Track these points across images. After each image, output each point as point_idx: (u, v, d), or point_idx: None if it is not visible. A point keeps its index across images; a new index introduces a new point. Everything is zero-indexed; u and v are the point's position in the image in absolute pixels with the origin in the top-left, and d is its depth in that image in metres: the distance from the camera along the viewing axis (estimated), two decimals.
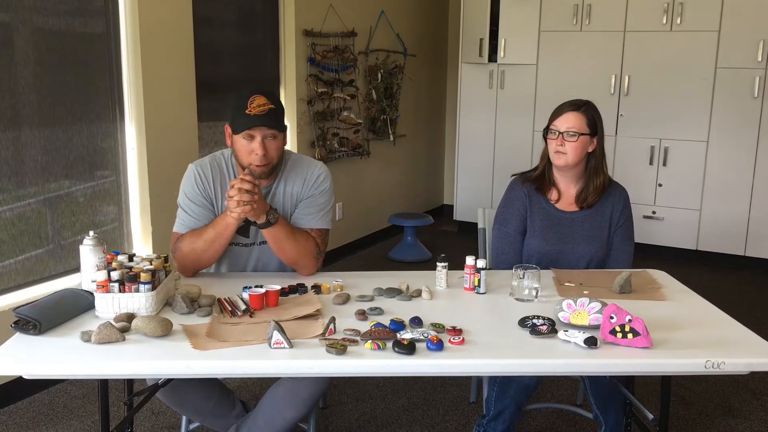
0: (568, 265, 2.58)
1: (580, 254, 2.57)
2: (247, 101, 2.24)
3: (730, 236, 5.31)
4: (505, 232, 2.64)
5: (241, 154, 2.31)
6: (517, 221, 2.63)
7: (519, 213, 2.63)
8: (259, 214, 2.23)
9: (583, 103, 2.57)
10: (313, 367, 1.77)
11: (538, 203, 2.63)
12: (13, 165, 3.12)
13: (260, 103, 2.25)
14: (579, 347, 1.82)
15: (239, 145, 2.30)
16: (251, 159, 2.28)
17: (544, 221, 2.61)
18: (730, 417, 3.09)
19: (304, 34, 4.73)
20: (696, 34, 5.16)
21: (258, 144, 2.26)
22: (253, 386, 3.24)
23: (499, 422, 2.55)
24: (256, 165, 2.28)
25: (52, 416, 3.00)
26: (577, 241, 2.57)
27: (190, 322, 1.95)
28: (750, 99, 5.09)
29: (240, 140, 2.28)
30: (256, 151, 2.26)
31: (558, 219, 2.61)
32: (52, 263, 3.35)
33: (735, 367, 1.79)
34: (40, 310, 1.89)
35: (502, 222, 2.66)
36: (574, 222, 2.60)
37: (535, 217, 2.62)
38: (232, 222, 2.25)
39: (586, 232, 2.58)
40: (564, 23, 5.55)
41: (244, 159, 2.30)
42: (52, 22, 3.23)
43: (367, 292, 2.23)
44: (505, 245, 2.64)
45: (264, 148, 2.26)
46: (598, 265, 2.60)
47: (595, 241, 2.58)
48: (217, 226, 2.28)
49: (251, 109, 2.24)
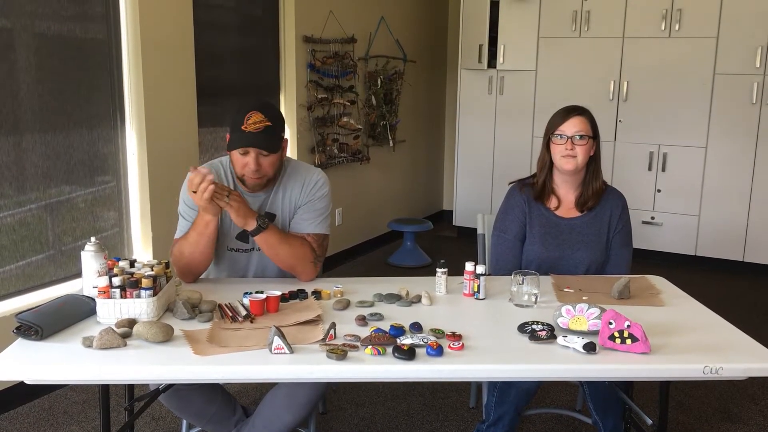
0: (567, 271, 2.59)
1: (579, 260, 2.59)
2: (244, 117, 2.26)
3: (729, 242, 5.32)
4: (505, 239, 2.65)
5: (235, 166, 2.35)
6: (517, 228, 2.64)
7: (518, 219, 2.64)
8: (246, 219, 2.25)
9: (581, 107, 2.60)
10: (314, 373, 1.78)
11: (537, 210, 2.64)
12: (14, 170, 3.13)
13: (256, 120, 2.25)
14: (578, 353, 1.83)
15: (235, 157, 2.33)
16: (245, 171, 2.32)
17: (543, 227, 2.62)
18: (728, 422, 3.09)
19: (304, 40, 4.75)
20: (694, 41, 5.19)
21: (252, 160, 2.28)
22: (253, 391, 3.24)
23: (499, 427, 2.55)
24: (249, 177, 2.32)
25: (52, 421, 3.01)
26: (577, 247, 2.59)
27: (191, 328, 1.96)
28: (748, 105, 5.10)
29: (235, 153, 2.31)
30: (250, 165, 2.29)
31: (557, 225, 2.62)
32: (53, 269, 3.35)
33: (733, 372, 1.80)
34: (42, 315, 1.90)
35: (502, 228, 2.67)
36: (574, 228, 2.61)
37: (534, 223, 2.63)
38: (211, 219, 2.26)
39: (585, 237, 2.60)
40: (563, 29, 5.58)
41: (238, 171, 2.35)
42: (53, 28, 3.24)
43: (367, 298, 2.24)
44: (504, 251, 2.66)
45: (257, 164, 2.29)
46: (597, 270, 2.62)
47: (595, 247, 2.59)
48: (197, 226, 2.29)
49: (247, 125, 2.25)
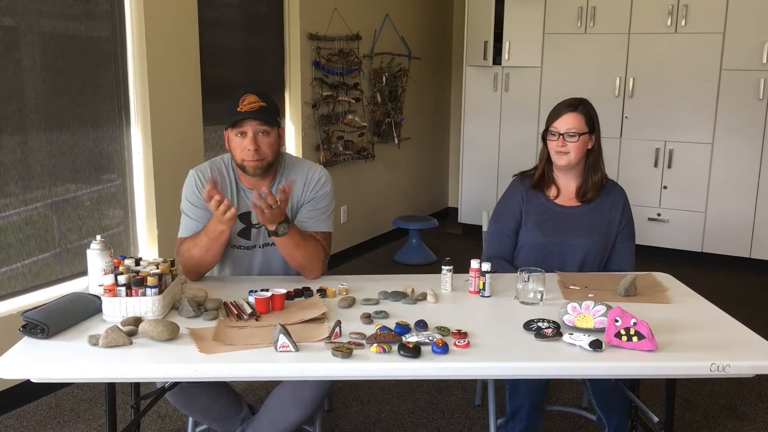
0: (562, 258, 2.59)
1: (576, 246, 2.59)
2: (239, 99, 2.31)
3: (736, 238, 5.30)
4: (499, 228, 2.71)
5: (235, 152, 2.34)
6: (510, 219, 2.68)
7: (512, 211, 2.68)
8: (273, 222, 2.23)
9: (578, 102, 2.60)
10: (319, 371, 1.78)
11: (536, 200, 2.67)
12: (20, 169, 3.14)
13: (251, 101, 2.30)
14: (584, 350, 1.82)
15: (234, 143, 2.33)
16: (244, 155, 2.31)
17: (540, 215, 2.65)
18: (735, 420, 3.08)
19: (308, 37, 4.74)
20: (700, 36, 5.16)
21: (249, 140, 2.28)
22: (258, 389, 3.25)
23: (517, 422, 2.55)
24: (249, 160, 2.30)
25: (59, 419, 3.02)
26: (575, 234, 2.60)
27: (196, 326, 1.97)
28: (755, 101, 5.08)
29: (234, 138, 2.32)
30: (248, 147, 2.29)
31: (555, 213, 2.64)
32: (59, 267, 3.36)
33: (740, 370, 1.79)
34: (48, 314, 1.90)
35: (495, 216, 2.75)
36: (573, 216, 2.63)
37: (531, 213, 2.66)
38: (226, 230, 2.24)
39: (584, 225, 2.61)
40: (568, 26, 5.56)
41: (238, 155, 2.33)
42: (58, 27, 3.25)
43: (373, 296, 2.24)
44: (496, 239, 2.72)
45: (256, 143, 2.29)
46: (594, 260, 2.62)
47: (594, 235, 2.60)
48: (210, 233, 2.26)
49: (242, 106, 2.29)
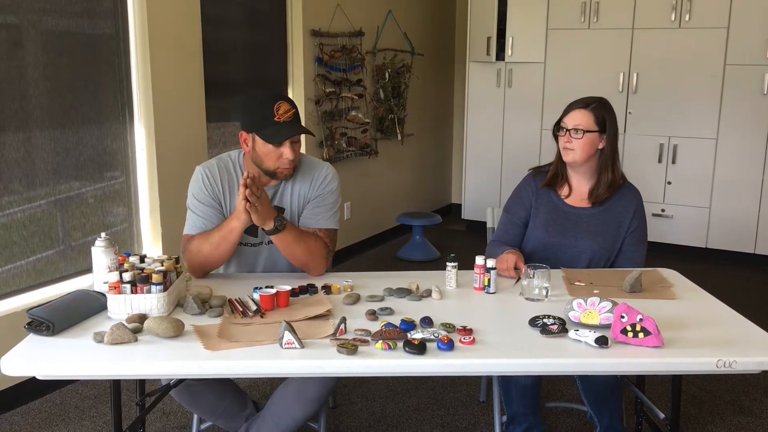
0: (568, 259, 2.57)
1: (581, 249, 2.56)
2: (273, 108, 2.26)
3: (740, 234, 5.29)
4: (508, 217, 2.71)
5: (267, 159, 2.31)
6: (521, 210, 2.67)
7: (523, 205, 2.67)
8: (265, 220, 2.24)
9: (594, 100, 2.54)
10: (324, 367, 1.78)
11: (547, 197, 2.63)
12: (23, 166, 3.14)
13: (286, 109, 2.28)
14: (590, 347, 1.82)
15: (265, 149, 2.30)
16: (280, 164, 2.31)
17: (549, 214, 2.61)
18: (741, 416, 3.08)
19: (311, 34, 4.74)
20: (705, 31, 5.14)
21: (288, 149, 2.28)
22: (263, 386, 3.25)
23: (517, 426, 2.55)
24: (284, 168, 2.32)
25: (64, 416, 3.02)
26: (581, 236, 2.56)
27: (201, 323, 1.97)
28: (759, 96, 5.06)
29: (265, 146, 2.29)
30: (287, 156, 2.28)
31: (564, 213, 2.60)
32: (63, 264, 3.37)
33: (746, 366, 1.78)
34: (53, 311, 1.90)
35: (507, 208, 2.74)
36: (581, 217, 2.59)
37: (540, 210, 2.63)
38: (237, 226, 2.25)
39: (592, 228, 2.57)
40: (572, 21, 5.54)
41: (271, 164, 2.32)
42: (61, 24, 3.24)
43: (378, 293, 2.23)
44: (503, 226, 2.72)
45: (294, 152, 2.29)
46: (598, 263, 2.58)
47: (599, 238, 2.55)
48: (223, 230, 2.29)
49: (279, 116, 2.26)
